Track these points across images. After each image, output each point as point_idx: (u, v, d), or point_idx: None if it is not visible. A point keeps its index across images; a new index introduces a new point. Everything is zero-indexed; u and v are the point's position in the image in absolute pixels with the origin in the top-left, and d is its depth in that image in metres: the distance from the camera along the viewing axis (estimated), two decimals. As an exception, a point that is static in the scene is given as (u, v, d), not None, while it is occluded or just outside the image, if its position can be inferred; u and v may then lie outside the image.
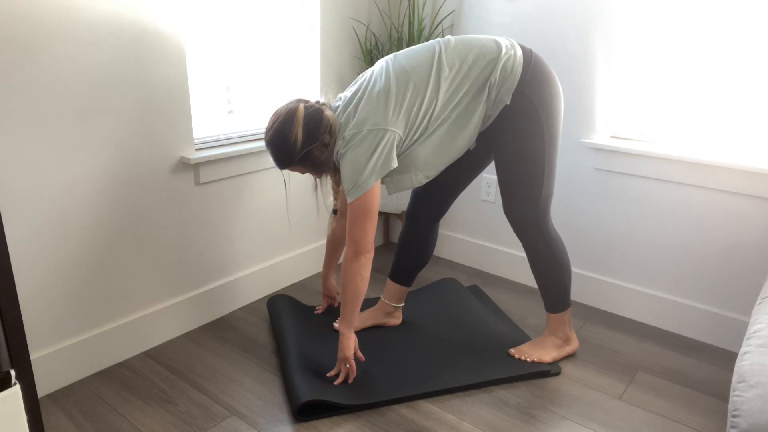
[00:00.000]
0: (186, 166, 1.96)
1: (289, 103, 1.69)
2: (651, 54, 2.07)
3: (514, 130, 1.68)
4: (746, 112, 1.93)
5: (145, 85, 1.78)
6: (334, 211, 1.92)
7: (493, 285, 2.54)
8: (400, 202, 2.62)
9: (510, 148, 1.71)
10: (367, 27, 2.55)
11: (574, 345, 1.98)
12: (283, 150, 1.66)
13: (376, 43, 2.57)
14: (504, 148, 1.72)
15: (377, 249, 2.91)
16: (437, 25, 2.46)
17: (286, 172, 2.31)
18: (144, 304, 1.95)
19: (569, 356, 1.99)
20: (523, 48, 1.69)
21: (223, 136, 2.11)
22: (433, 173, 1.72)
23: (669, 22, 2.00)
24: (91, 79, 1.64)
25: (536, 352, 1.92)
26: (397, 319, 2.12)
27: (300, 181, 2.42)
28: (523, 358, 1.91)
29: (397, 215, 2.72)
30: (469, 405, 1.74)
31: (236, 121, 2.17)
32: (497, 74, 1.62)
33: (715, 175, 1.97)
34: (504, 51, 1.64)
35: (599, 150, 2.20)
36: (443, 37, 1.89)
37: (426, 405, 1.73)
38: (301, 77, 2.37)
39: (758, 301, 1.43)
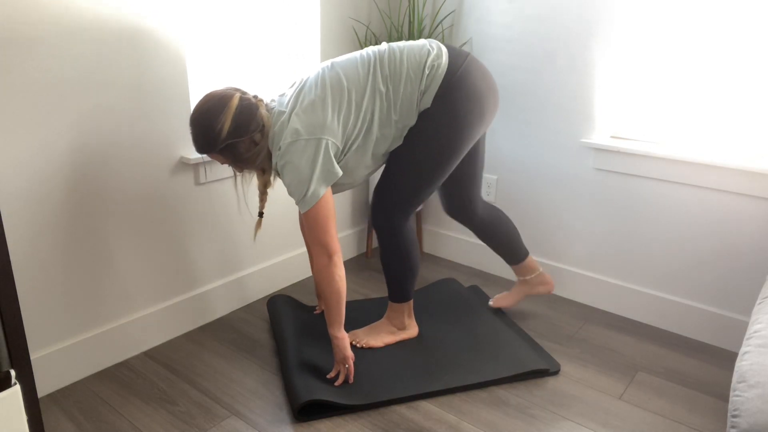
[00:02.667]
0: (186, 166, 1.96)
1: (225, 89, 1.63)
2: (651, 54, 2.07)
3: (418, 131, 1.71)
4: (745, 113, 1.93)
5: (145, 85, 1.78)
6: (260, 214, 1.87)
7: (493, 285, 2.54)
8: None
9: (409, 147, 1.73)
10: (367, 27, 2.55)
11: (411, 332, 2.02)
12: (205, 135, 1.60)
13: (376, 43, 2.57)
14: (404, 145, 1.74)
15: (377, 249, 2.91)
16: (437, 25, 2.46)
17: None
18: (144, 304, 1.95)
19: (408, 339, 2.01)
20: (455, 56, 1.70)
21: (223, 136, 2.11)
22: (368, 177, 1.83)
23: (669, 23, 2.01)
24: (91, 79, 1.64)
25: (368, 337, 1.97)
26: (546, 285, 2.18)
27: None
28: (354, 342, 1.95)
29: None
30: (469, 405, 1.74)
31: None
32: (424, 83, 1.66)
33: (715, 175, 1.97)
34: (430, 60, 1.66)
35: (599, 150, 2.20)
36: (383, 42, 1.91)
37: (426, 405, 1.73)
38: (301, 77, 2.37)
39: (758, 301, 1.43)
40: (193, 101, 1.99)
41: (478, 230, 2.07)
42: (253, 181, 2.19)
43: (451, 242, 2.77)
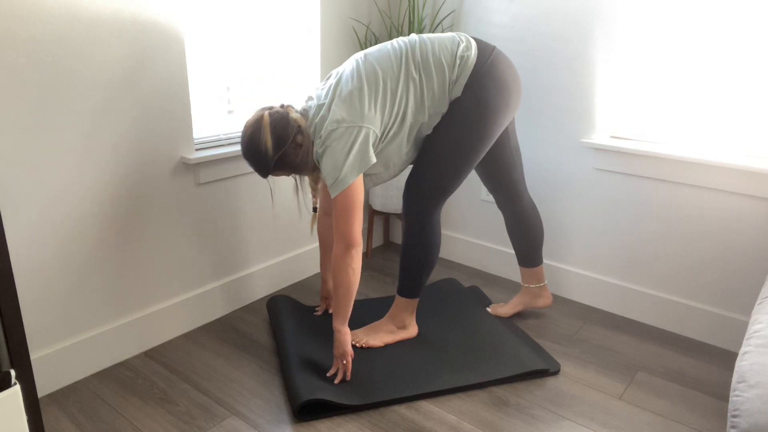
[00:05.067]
0: (186, 166, 1.96)
1: (254, 114, 1.75)
2: (651, 54, 2.07)
3: (449, 120, 1.76)
4: (746, 112, 1.93)
5: (145, 85, 1.78)
6: (314, 209, 1.95)
7: (493, 285, 2.54)
8: (401, 202, 2.62)
9: (439, 135, 1.78)
10: (367, 27, 2.55)
11: (411, 332, 2.03)
12: (257, 160, 1.71)
13: (376, 43, 2.57)
14: (435, 133, 1.79)
15: (377, 249, 2.91)
16: (437, 25, 2.46)
17: (270, 180, 2.31)
18: (144, 304, 1.95)
19: (407, 339, 2.01)
20: (483, 48, 1.75)
21: (223, 136, 2.11)
22: (403, 167, 1.84)
23: (669, 22, 2.01)
24: (91, 79, 1.64)
25: (367, 337, 1.98)
26: (545, 299, 2.20)
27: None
28: (353, 342, 1.96)
29: (398, 215, 2.72)
30: (469, 405, 1.74)
31: (236, 121, 2.17)
32: (455, 73, 1.71)
33: (715, 175, 1.97)
34: (460, 51, 1.72)
35: (599, 150, 2.20)
36: (411, 34, 1.95)
37: (426, 405, 1.73)
38: (302, 77, 2.37)
39: (758, 301, 1.43)
40: (193, 101, 1.99)
41: (516, 218, 2.09)
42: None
43: (451, 242, 2.77)
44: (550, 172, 2.36)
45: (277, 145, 1.69)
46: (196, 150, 2.01)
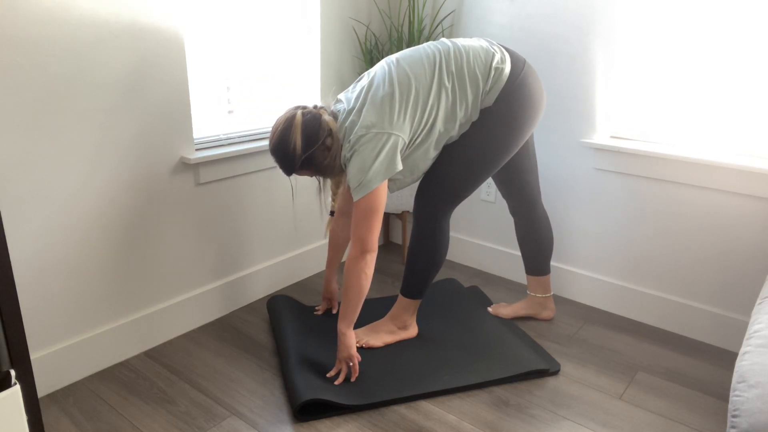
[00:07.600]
0: (186, 166, 1.96)
1: (287, 112, 1.74)
2: (651, 54, 2.07)
3: (475, 128, 1.76)
4: (746, 112, 1.93)
5: (145, 85, 1.78)
6: (331, 213, 1.95)
7: (493, 285, 2.54)
8: (400, 202, 2.62)
9: (463, 142, 1.78)
10: (367, 27, 2.55)
11: (411, 332, 2.03)
12: (284, 157, 1.71)
13: (376, 43, 2.57)
14: (459, 139, 1.79)
15: (378, 249, 2.91)
16: (437, 25, 2.46)
17: (293, 178, 2.38)
18: (144, 304, 1.95)
19: (407, 339, 2.01)
20: (516, 61, 1.75)
21: (223, 136, 2.11)
22: (425, 170, 1.82)
23: (669, 23, 2.01)
24: (91, 79, 1.64)
25: (368, 337, 1.98)
26: (549, 311, 2.21)
27: (300, 181, 2.43)
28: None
29: (397, 215, 2.73)
30: (469, 405, 1.74)
31: (236, 121, 2.17)
32: (489, 84, 1.71)
33: (715, 175, 1.97)
34: (495, 62, 1.71)
35: (599, 150, 2.20)
36: (441, 38, 1.94)
37: (426, 405, 1.73)
38: (302, 77, 2.37)
39: (758, 301, 1.43)
40: (193, 101, 1.99)
41: (528, 227, 2.09)
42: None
43: (451, 242, 2.76)
44: (550, 171, 2.36)
45: (306, 146, 1.68)
46: (196, 150, 2.01)
